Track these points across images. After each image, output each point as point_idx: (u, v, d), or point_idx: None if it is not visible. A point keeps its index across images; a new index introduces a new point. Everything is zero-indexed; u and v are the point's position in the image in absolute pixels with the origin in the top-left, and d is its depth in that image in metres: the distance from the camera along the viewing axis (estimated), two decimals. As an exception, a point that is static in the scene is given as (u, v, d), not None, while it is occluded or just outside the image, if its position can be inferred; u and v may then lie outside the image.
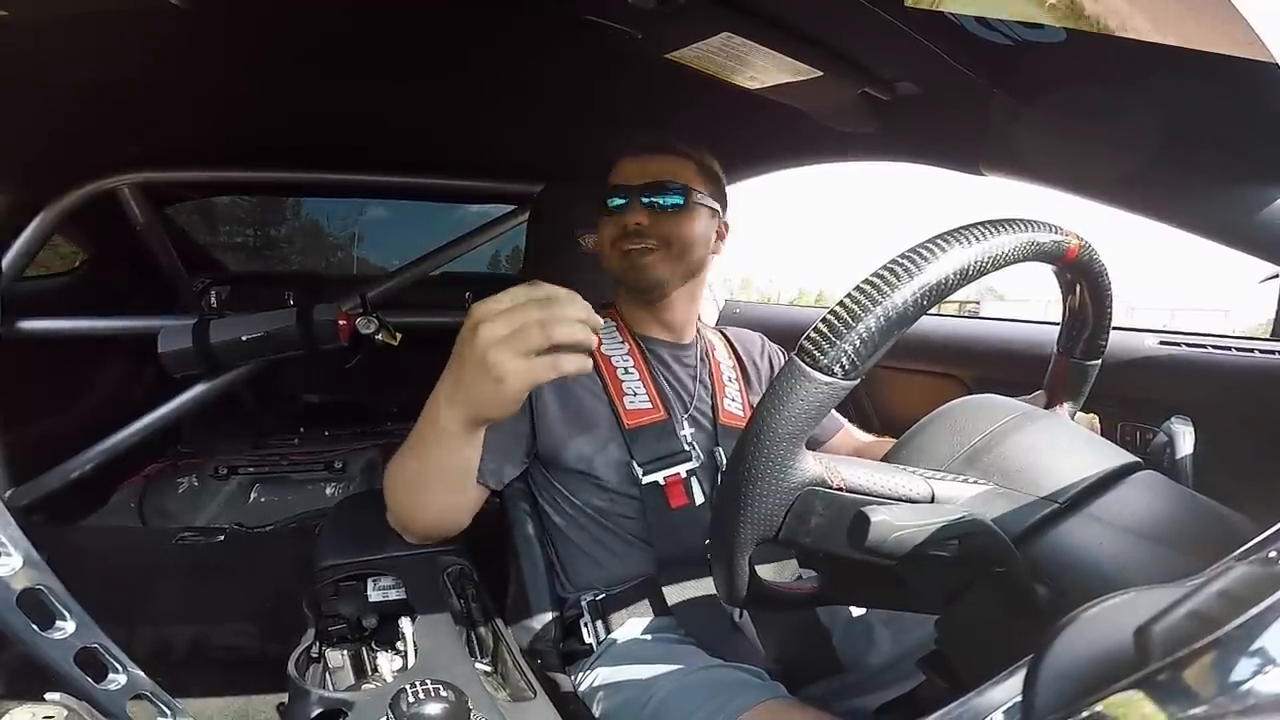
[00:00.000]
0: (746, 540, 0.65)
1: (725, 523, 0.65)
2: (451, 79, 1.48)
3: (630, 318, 1.36)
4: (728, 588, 0.71)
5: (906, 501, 0.62)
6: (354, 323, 1.76)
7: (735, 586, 0.70)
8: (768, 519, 0.63)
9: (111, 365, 2.05)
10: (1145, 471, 0.66)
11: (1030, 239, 0.61)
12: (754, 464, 0.61)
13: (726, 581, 0.70)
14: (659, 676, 1.09)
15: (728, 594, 0.72)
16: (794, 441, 0.60)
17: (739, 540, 0.65)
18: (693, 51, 1.12)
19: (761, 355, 1.52)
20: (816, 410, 0.59)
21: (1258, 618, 0.32)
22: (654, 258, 1.27)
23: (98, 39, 1.15)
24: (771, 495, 0.62)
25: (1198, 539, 0.59)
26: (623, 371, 1.28)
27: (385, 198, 2.43)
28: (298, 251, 2.60)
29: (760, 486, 0.62)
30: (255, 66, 1.34)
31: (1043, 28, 0.80)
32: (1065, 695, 0.37)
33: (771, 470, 0.61)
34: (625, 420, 1.23)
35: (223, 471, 2.35)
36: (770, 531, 0.64)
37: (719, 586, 0.72)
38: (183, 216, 2.21)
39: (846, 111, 1.28)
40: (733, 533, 0.65)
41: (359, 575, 1.44)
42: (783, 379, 0.60)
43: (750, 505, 0.63)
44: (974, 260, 0.58)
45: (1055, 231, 0.63)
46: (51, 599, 0.81)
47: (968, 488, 0.64)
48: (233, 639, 1.87)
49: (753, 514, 0.63)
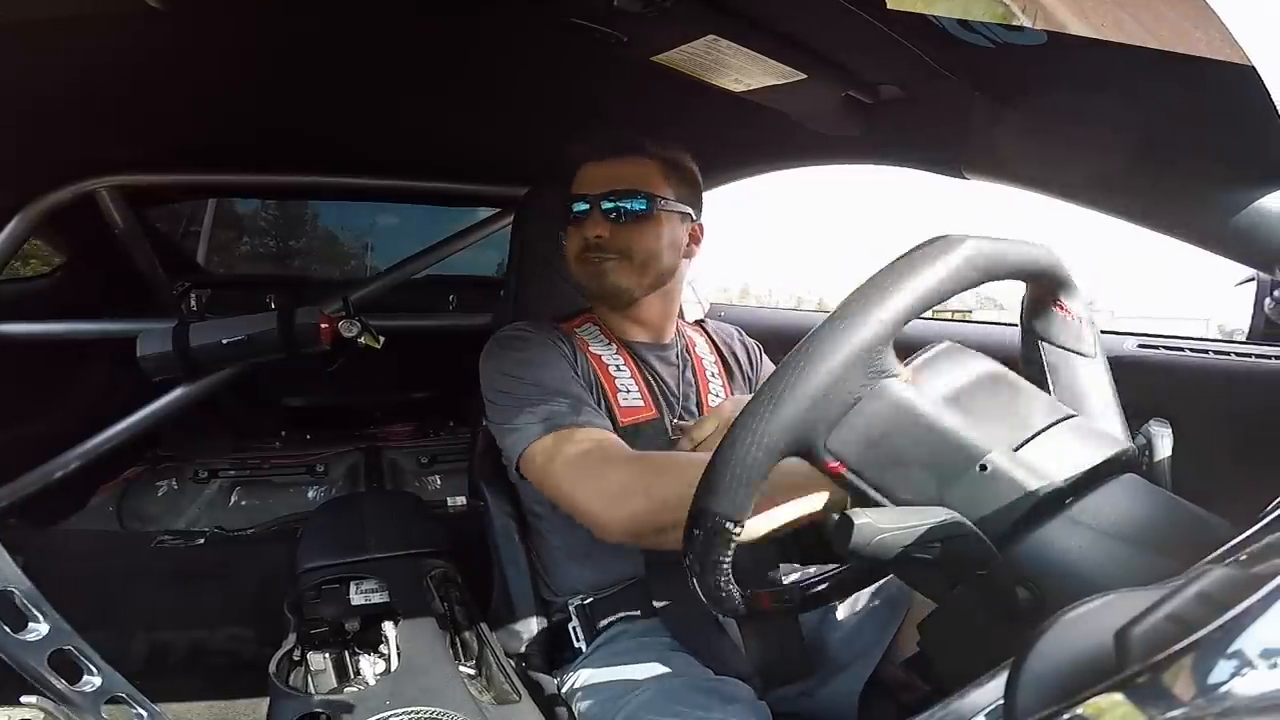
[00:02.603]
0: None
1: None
2: (436, 81, 1.48)
3: (609, 322, 1.34)
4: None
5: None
6: (336, 326, 1.75)
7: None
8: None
9: (90, 369, 2.03)
10: (1125, 474, 0.67)
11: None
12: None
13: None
14: (642, 681, 1.09)
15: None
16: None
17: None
18: (678, 54, 1.12)
19: (739, 345, 1.51)
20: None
21: (1235, 620, 0.33)
22: (613, 266, 1.25)
23: (75, 41, 1.14)
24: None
25: (1176, 541, 0.59)
26: (614, 369, 1.27)
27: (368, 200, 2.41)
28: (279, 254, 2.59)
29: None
30: (234, 69, 1.33)
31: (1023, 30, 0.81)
32: (1046, 698, 0.37)
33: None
34: (620, 418, 1.22)
35: (203, 475, 2.33)
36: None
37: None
38: (162, 219, 2.19)
39: (830, 115, 1.28)
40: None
41: (341, 578, 1.43)
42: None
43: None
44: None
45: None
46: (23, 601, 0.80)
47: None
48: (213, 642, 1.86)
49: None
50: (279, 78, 1.40)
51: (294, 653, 1.30)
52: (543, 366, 1.19)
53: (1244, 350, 1.28)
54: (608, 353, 1.30)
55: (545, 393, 1.15)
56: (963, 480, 0.62)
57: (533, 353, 1.21)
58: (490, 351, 1.25)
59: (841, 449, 0.62)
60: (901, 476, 0.63)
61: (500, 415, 1.18)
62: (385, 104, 1.60)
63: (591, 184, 1.26)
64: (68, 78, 1.24)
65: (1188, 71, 0.68)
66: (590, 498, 1.05)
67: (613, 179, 1.25)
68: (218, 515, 2.33)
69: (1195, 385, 1.26)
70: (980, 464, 0.61)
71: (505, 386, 1.19)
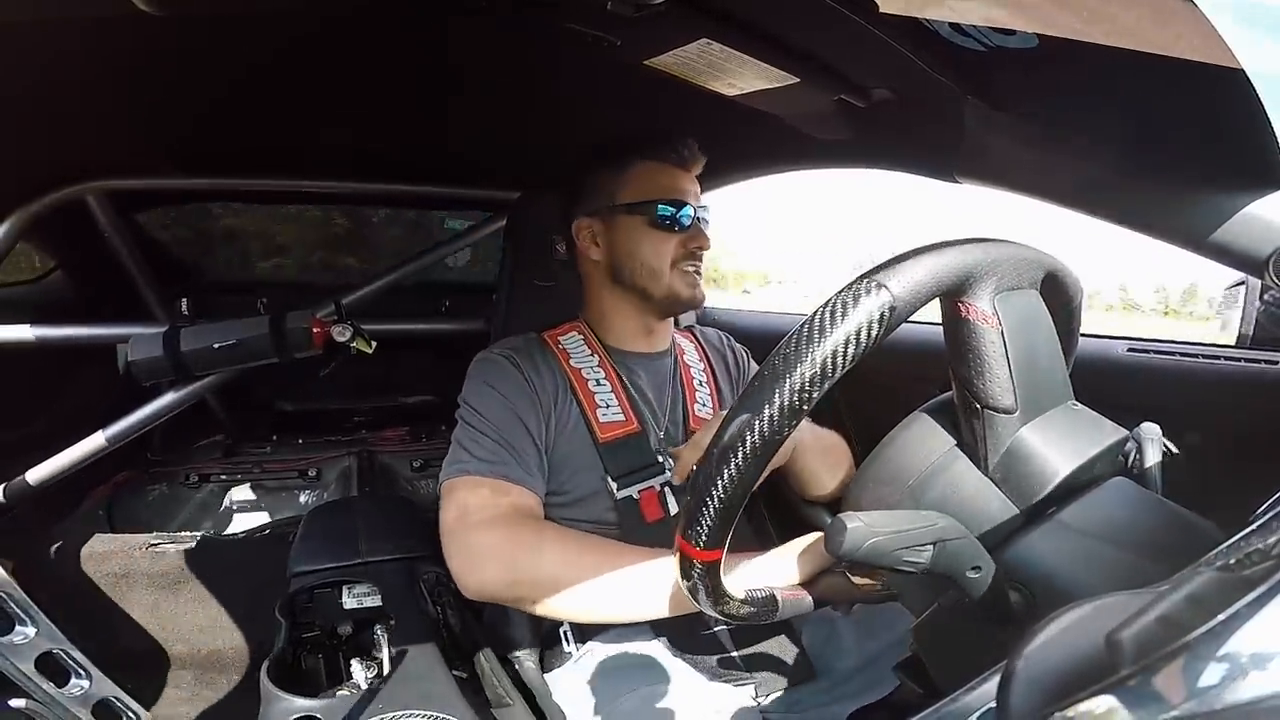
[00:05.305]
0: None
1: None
2: (428, 86, 1.48)
3: (615, 329, 1.34)
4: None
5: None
6: (328, 330, 1.75)
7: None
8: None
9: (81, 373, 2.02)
10: (1116, 478, 0.67)
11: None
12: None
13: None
14: (633, 686, 1.09)
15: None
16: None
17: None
18: (671, 58, 1.12)
19: (728, 351, 1.52)
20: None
21: (1225, 623, 0.33)
22: (701, 277, 1.29)
23: (63, 45, 1.13)
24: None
25: (1167, 545, 0.59)
26: (594, 384, 1.27)
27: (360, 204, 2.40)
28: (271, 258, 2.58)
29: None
30: (224, 73, 1.33)
31: (1015, 34, 0.81)
32: (1038, 701, 0.37)
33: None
34: (600, 434, 1.23)
35: (194, 479, 2.32)
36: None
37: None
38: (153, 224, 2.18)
39: (822, 118, 1.29)
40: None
41: (334, 582, 1.43)
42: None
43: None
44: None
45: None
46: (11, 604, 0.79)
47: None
48: (204, 646, 1.86)
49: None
50: (269, 82, 1.40)
51: (286, 657, 1.30)
52: (496, 406, 1.19)
53: (1234, 354, 1.29)
54: (588, 365, 1.29)
55: (483, 435, 1.16)
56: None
57: (494, 388, 1.21)
58: (469, 371, 1.26)
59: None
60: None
61: (452, 440, 1.20)
62: (376, 108, 1.59)
63: (690, 195, 1.28)
64: (55, 82, 1.24)
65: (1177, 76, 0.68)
66: (456, 555, 1.07)
67: (695, 191, 1.29)
68: (209, 519, 2.32)
69: (1185, 389, 1.27)
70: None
71: (462, 416, 1.21)
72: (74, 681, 0.87)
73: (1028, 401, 0.65)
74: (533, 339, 1.31)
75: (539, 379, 1.23)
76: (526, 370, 1.23)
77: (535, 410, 1.20)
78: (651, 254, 1.26)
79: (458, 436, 1.18)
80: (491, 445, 1.14)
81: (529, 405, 1.20)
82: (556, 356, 1.28)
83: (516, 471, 1.13)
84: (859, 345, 0.56)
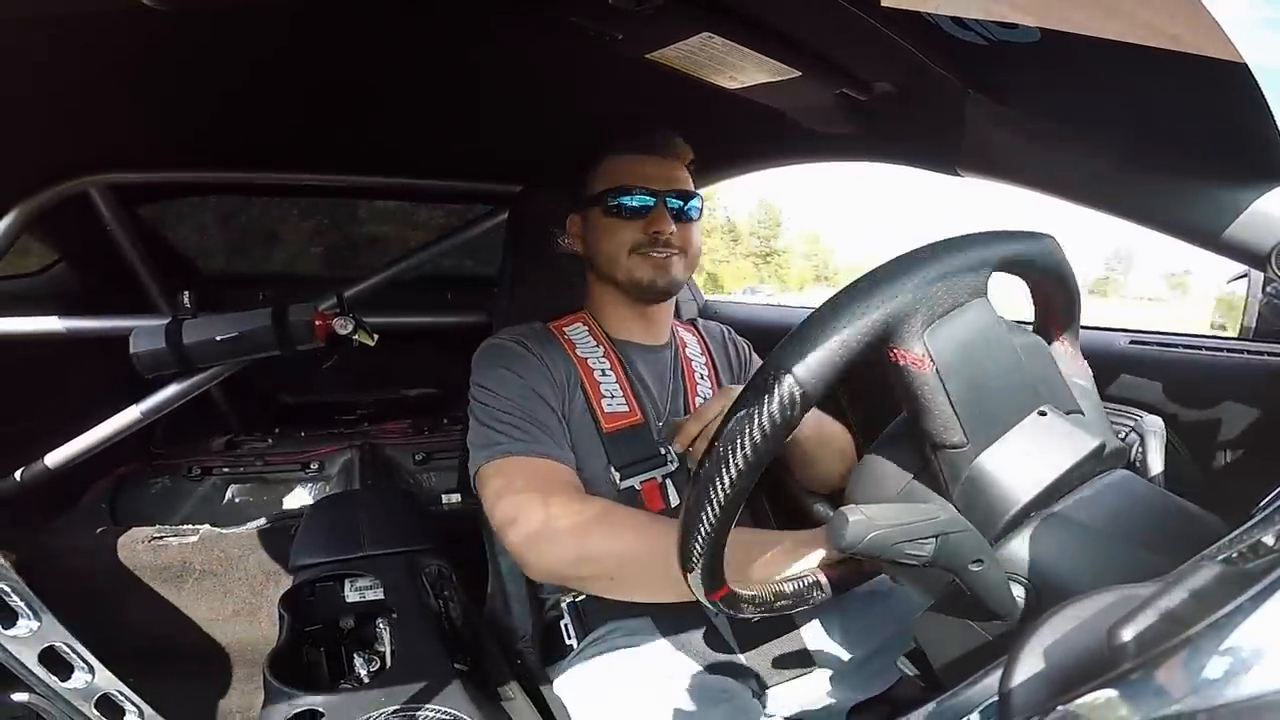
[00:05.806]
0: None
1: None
2: (429, 78, 1.47)
3: (612, 320, 1.35)
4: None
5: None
6: (331, 323, 1.74)
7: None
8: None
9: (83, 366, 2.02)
10: (1118, 471, 0.67)
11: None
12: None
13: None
14: (634, 679, 1.09)
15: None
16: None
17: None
18: (673, 51, 1.12)
19: (730, 345, 1.52)
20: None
21: (1227, 617, 0.33)
22: (675, 261, 1.28)
23: (68, 39, 1.13)
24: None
25: (1169, 538, 0.59)
26: (600, 374, 1.27)
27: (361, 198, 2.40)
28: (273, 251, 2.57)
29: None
30: (228, 67, 1.33)
31: (1017, 28, 0.81)
32: (1040, 695, 0.37)
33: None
34: (604, 424, 1.23)
35: (196, 472, 2.32)
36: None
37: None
38: (155, 217, 2.18)
39: (824, 112, 1.29)
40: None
41: (336, 575, 1.43)
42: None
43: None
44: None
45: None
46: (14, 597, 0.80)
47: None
48: (206, 639, 1.86)
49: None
50: (272, 76, 1.40)
51: (288, 650, 1.30)
52: (515, 385, 1.19)
53: (1236, 346, 1.28)
54: (594, 355, 1.30)
55: (509, 415, 1.15)
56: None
57: (509, 369, 1.21)
58: (476, 360, 1.26)
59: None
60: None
61: (470, 430, 1.19)
62: (378, 102, 1.59)
63: (652, 180, 1.27)
64: (59, 75, 1.24)
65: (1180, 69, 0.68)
66: (517, 536, 1.06)
67: (672, 179, 1.29)
68: (212, 512, 2.32)
69: (1188, 382, 1.27)
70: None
71: (478, 399, 1.20)
72: (77, 675, 0.87)
73: (977, 433, 0.63)
74: (539, 328, 1.32)
75: (551, 362, 1.24)
76: (538, 353, 1.24)
77: (552, 389, 1.21)
78: (608, 242, 1.29)
79: (481, 420, 1.18)
80: (524, 424, 1.14)
81: (547, 385, 1.21)
82: (563, 346, 1.28)
83: (555, 449, 1.14)
84: (774, 438, 0.57)
